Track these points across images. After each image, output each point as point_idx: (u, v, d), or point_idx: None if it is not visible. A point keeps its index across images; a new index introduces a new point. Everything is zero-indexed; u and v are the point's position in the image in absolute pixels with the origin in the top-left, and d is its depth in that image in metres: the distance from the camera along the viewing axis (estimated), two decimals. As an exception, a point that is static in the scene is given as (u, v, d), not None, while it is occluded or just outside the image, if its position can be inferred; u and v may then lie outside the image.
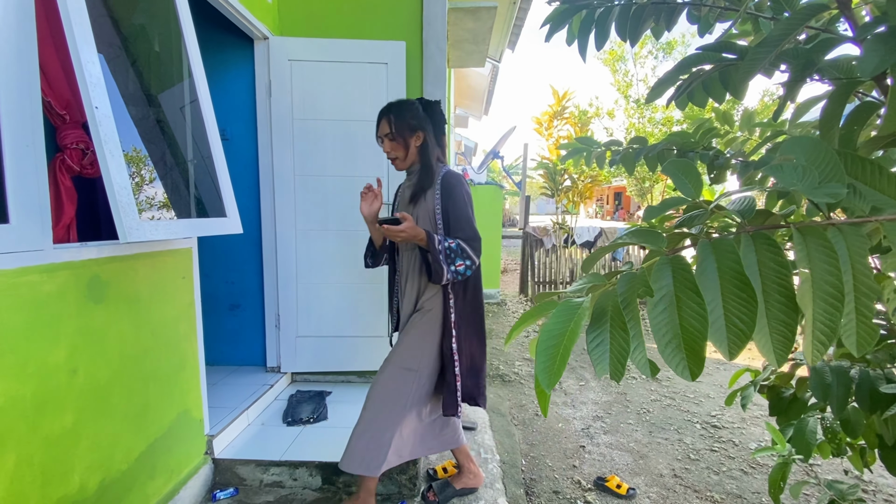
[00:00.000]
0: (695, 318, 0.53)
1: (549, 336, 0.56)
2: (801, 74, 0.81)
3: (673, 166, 0.70)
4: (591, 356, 0.58)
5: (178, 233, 1.56)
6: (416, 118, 1.66)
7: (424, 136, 1.68)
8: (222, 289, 2.87)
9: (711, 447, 2.64)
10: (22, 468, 1.17)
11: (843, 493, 1.20)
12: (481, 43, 3.70)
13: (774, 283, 0.53)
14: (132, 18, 1.60)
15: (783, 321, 0.53)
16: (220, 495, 1.87)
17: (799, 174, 0.54)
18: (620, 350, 0.57)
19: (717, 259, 0.54)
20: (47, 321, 1.24)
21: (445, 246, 1.55)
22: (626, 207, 25.64)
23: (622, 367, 0.56)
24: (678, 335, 0.53)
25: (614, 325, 0.58)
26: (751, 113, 1.34)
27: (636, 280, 0.58)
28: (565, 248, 6.47)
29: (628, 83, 12.40)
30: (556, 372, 0.55)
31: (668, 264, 0.56)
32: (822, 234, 0.53)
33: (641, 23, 1.04)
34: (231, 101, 2.71)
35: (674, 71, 0.96)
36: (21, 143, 1.17)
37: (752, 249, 0.55)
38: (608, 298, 0.59)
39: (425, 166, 1.68)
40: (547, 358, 0.56)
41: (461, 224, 1.61)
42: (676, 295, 0.54)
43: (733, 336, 0.52)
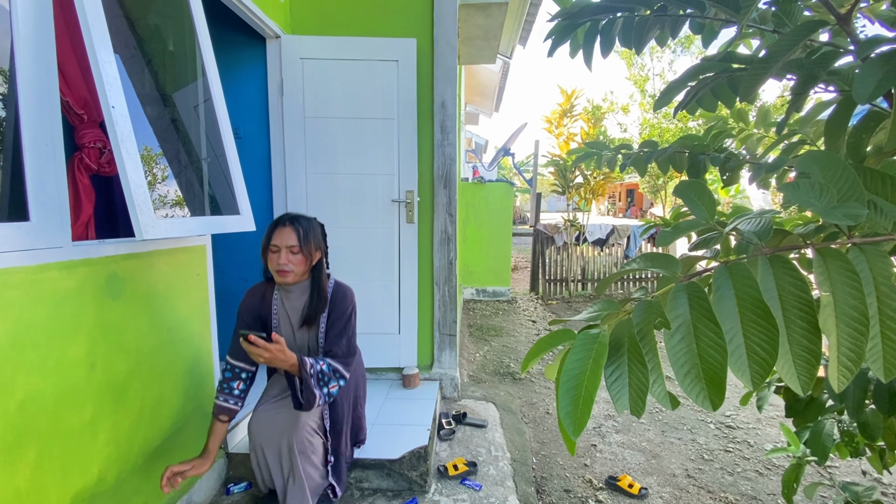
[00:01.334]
0: (713, 347, 0.51)
1: (569, 376, 0.55)
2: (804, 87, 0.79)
3: (685, 188, 0.68)
4: (609, 391, 0.57)
5: (193, 230, 1.58)
6: (317, 237, 1.66)
7: (321, 256, 1.68)
8: (236, 286, 2.90)
9: (726, 448, 2.60)
10: (43, 460, 1.20)
11: (858, 495, 1.18)
12: (492, 39, 3.67)
13: (795, 307, 0.51)
14: (147, 18, 1.62)
15: (806, 347, 0.51)
16: (233, 489, 1.90)
17: (816, 193, 0.52)
18: (640, 385, 0.55)
19: (734, 285, 0.53)
20: (67, 317, 1.27)
21: (318, 370, 1.52)
22: (638, 204, 25.35)
23: (642, 402, 0.55)
24: (697, 366, 0.52)
25: (632, 359, 0.56)
26: (767, 110, 1.31)
27: (651, 309, 0.56)
28: (577, 245, 6.42)
29: (644, 77, 12.23)
30: (581, 417, 0.53)
31: (683, 291, 0.55)
32: (842, 257, 0.51)
33: (646, 32, 1.03)
34: (244, 99, 2.74)
35: (681, 79, 0.95)
36: (41, 143, 1.19)
37: (770, 273, 0.53)
38: (624, 329, 0.58)
39: (317, 289, 1.64)
40: (570, 401, 0.53)
41: (339, 341, 1.63)
42: (693, 324, 0.53)
43: (755, 365, 0.50)
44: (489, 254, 6.03)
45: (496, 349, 4.18)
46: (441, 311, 2.81)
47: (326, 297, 1.66)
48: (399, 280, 2.76)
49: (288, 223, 1.59)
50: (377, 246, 2.73)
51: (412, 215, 2.69)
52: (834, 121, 0.78)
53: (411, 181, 2.68)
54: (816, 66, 0.77)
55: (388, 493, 1.92)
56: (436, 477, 2.04)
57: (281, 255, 1.58)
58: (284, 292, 1.69)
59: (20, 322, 1.14)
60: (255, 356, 1.43)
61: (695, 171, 1.25)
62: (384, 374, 2.84)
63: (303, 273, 1.63)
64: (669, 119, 11.45)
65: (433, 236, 2.77)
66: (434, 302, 2.81)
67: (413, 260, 2.74)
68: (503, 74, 6.46)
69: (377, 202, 2.70)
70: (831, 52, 0.79)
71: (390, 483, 1.94)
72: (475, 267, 6.06)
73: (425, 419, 2.28)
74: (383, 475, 1.94)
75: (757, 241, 0.56)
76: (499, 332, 4.69)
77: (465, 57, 4.04)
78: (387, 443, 2.01)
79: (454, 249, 2.78)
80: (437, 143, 2.70)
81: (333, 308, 1.66)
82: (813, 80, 0.78)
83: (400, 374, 2.79)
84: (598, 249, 6.52)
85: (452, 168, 2.72)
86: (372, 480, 1.94)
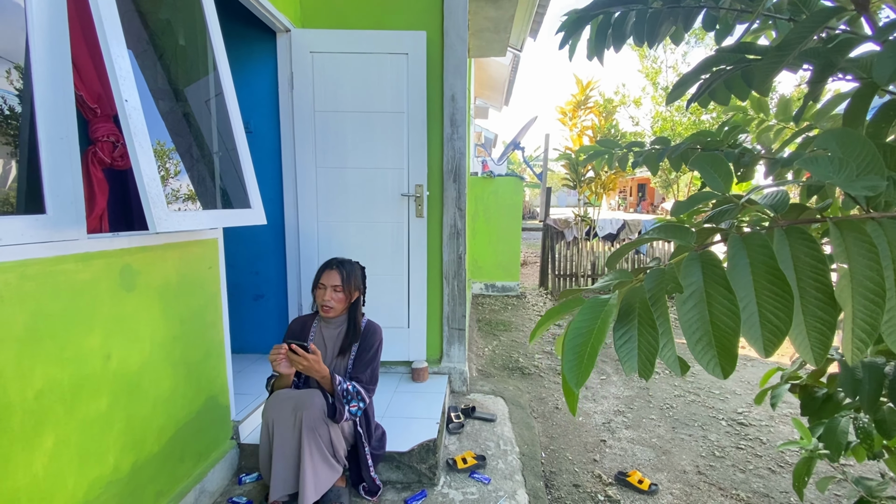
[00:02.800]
0: (726, 314, 0.51)
1: (576, 334, 0.56)
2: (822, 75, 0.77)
3: (701, 159, 0.67)
4: (618, 353, 0.57)
5: (205, 223, 1.59)
6: (357, 279, 1.89)
7: (359, 296, 1.90)
8: (247, 279, 2.94)
9: (737, 445, 2.58)
10: (60, 449, 1.23)
11: (871, 489, 1.17)
12: (502, 31, 3.64)
13: (811, 278, 0.51)
14: (159, 13, 1.63)
15: (821, 318, 0.51)
16: (245, 479, 1.93)
17: (836, 166, 0.52)
18: (649, 348, 0.56)
19: (749, 254, 0.53)
20: (83, 308, 1.29)
21: (343, 388, 1.71)
22: (650, 199, 25.06)
23: (651, 365, 0.55)
24: (709, 332, 0.52)
25: (643, 323, 0.57)
26: (787, 101, 1.28)
27: (665, 276, 0.57)
28: (587, 240, 6.37)
29: (657, 70, 12.02)
30: (584, 370, 0.54)
31: (697, 260, 0.55)
32: (860, 228, 0.51)
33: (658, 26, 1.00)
34: (254, 93, 2.75)
35: (694, 71, 0.93)
36: (56, 136, 1.21)
37: (785, 244, 0.53)
38: (636, 295, 0.58)
39: (353, 323, 1.87)
40: (574, 356, 0.55)
41: (365, 370, 1.82)
42: (707, 291, 0.53)
43: (768, 333, 0.50)
44: (498, 248, 6.02)
45: (505, 344, 4.17)
46: (450, 306, 2.81)
47: (360, 331, 1.88)
48: (408, 274, 2.76)
49: (335, 267, 1.84)
50: (387, 240, 2.73)
51: (422, 209, 2.69)
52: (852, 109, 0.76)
53: (421, 175, 2.67)
54: (834, 53, 0.75)
55: (397, 485, 1.94)
56: (445, 470, 2.05)
57: (326, 292, 1.81)
58: (324, 323, 1.91)
59: (38, 313, 1.17)
60: (296, 363, 1.64)
61: None
62: (393, 368, 2.86)
63: (342, 310, 1.86)
64: (682, 112, 11.26)
65: (442, 231, 2.76)
66: (443, 296, 2.81)
67: (422, 254, 2.74)
68: (513, 67, 6.40)
69: (387, 196, 2.70)
70: (849, 39, 0.76)
71: (400, 475, 1.95)
72: (484, 262, 6.04)
73: (434, 413, 2.29)
74: (393, 467, 1.96)
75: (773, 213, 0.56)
76: (507, 327, 4.68)
77: (475, 50, 4.01)
78: (396, 436, 2.02)
79: (463, 244, 2.77)
80: (446, 137, 2.69)
81: (364, 341, 1.87)
82: (830, 68, 0.76)
83: (409, 368, 2.80)
84: (609, 245, 6.46)
85: (462, 162, 2.71)
86: (381, 472, 1.95)
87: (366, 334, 1.88)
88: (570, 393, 0.58)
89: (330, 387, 1.70)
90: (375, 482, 1.83)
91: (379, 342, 1.89)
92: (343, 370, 1.85)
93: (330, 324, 1.89)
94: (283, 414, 1.67)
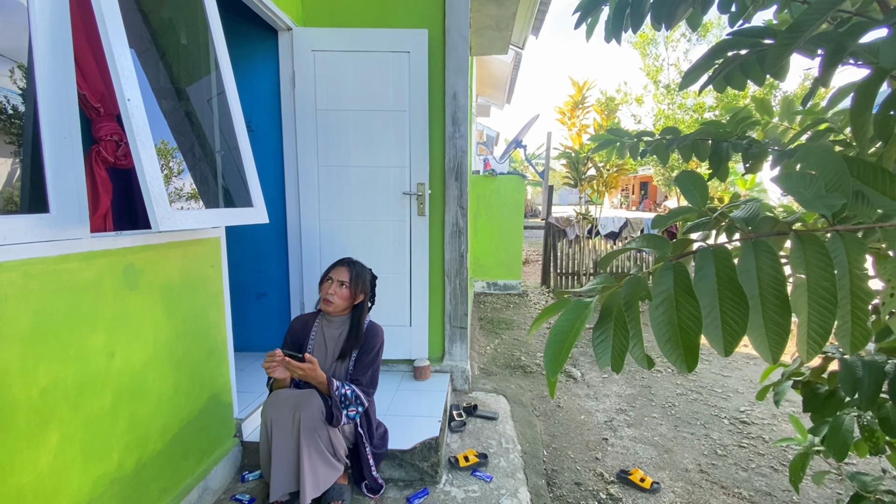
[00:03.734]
0: (691, 319, 0.59)
1: (557, 332, 0.64)
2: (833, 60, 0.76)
3: (683, 178, 0.76)
4: (595, 350, 0.66)
5: (208, 222, 1.60)
6: (365, 282, 1.89)
7: (364, 299, 1.90)
8: (249, 277, 2.94)
9: (740, 443, 2.57)
10: (64, 446, 1.24)
11: (866, 484, 1.17)
12: (504, 29, 3.63)
13: (771, 287, 0.57)
14: (161, 12, 1.63)
15: (777, 322, 0.57)
16: (248, 476, 1.94)
17: (805, 182, 0.57)
18: (621, 346, 0.64)
19: (716, 265, 0.59)
20: (86, 306, 1.30)
21: (342, 393, 1.71)
22: (652, 197, 24.98)
23: (621, 360, 0.64)
24: (676, 334, 0.59)
25: (617, 324, 0.65)
26: (790, 100, 1.27)
27: (639, 284, 0.65)
28: (589, 238, 6.36)
29: (658, 68, 11.97)
30: (559, 362, 0.64)
31: (670, 270, 0.62)
32: (818, 241, 0.57)
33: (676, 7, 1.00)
34: (256, 92, 2.75)
35: (708, 55, 0.92)
36: (59, 136, 1.21)
37: (751, 256, 0.59)
38: (614, 300, 0.66)
39: (356, 327, 1.85)
40: (553, 349, 0.63)
41: (365, 372, 1.81)
42: (676, 298, 0.60)
43: (728, 336, 0.57)
44: (500, 247, 6.01)
45: (507, 342, 4.17)
46: (452, 304, 2.82)
47: (361, 336, 1.86)
48: (410, 272, 2.76)
49: (346, 264, 1.87)
50: (388, 238, 2.74)
51: (423, 208, 2.69)
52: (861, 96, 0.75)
53: (423, 174, 2.67)
54: (845, 37, 0.74)
55: (399, 482, 1.94)
56: (447, 468, 2.05)
57: (332, 286, 1.82)
58: (326, 321, 1.89)
59: (42, 311, 1.17)
60: (292, 371, 1.64)
61: (717, 158, 1.22)
62: (395, 366, 2.86)
63: (344, 308, 1.86)
64: (685, 110, 11.22)
65: (444, 229, 2.76)
66: (445, 294, 2.81)
67: (424, 252, 2.74)
68: (515, 65, 6.39)
69: (388, 195, 2.70)
70: (861, 23, 0.75)
71: (402, 473, 1.96)
72: (486, 260, 6.04)
73: (436, 411, 2.29)
74: (395, 465, 1.96)
75: (744, 226, 0.62)
76: (510, 326, 4.68)
77: (477, 48, 4.00)
78: (399, 434, 2.03)
79: (465, 242, 2.77)
80: (448, 136, 2.69)
81: (365, 342, 1.86)
82: (841, 52, 0.75)
83: (411, 366, 2.80)
84: (611, 243, 6.45)
85: (464, 160, 2.71)
86: (384, 470, 1.96)
87: (367, 336, 1.87)
88: (551, 379, 0.68)
89: (328, 392, 1.69)
90: (377, 481, 1.83)
91: (380, 344, 1.88)
92: (343, 373, 1.84)
93: (332, 323, 1.88)
94: (281, 414, 1.67)
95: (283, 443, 1.66)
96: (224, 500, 1.82)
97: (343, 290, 1.82)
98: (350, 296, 1.84)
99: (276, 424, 1.67)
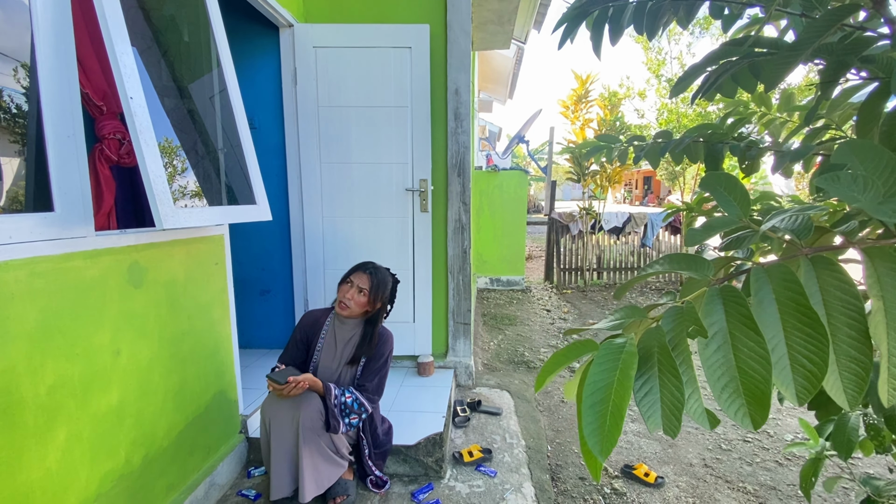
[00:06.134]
0: (754, 358, 0.46)
1: (594, 389, 0.49)
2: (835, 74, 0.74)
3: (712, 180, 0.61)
4: (639, 408, 0.51)
5: (211, 220, 1.60)
6: (386, 292, 1.85)
7: (382, 307, 1.87)
8: (253, 275, 2.95)
9: (744, 438, 2.57)
10: (72, 443, 1.25)
11: (880, 489, 1.15)
12: (506, 24, 3.61)
13: (842, 314, 0.46)
14: (162, 10, 1.63)
15: (854, 358, 0.46)
16: (254, 472, 1.95)
17: (859, 186, 0.46)
18: (674, 400, 0.49)
19: (774, 289, 0.48)
20: (92, 304, 1.31)
21: (342, 401, 1.69)
22: (655, 192, 24.88)
23: (677, 420, 0.49)
24: (735, 378, 0.47)
25: (663, 371, 0.51)
26: (790, 94, 1.26)
27: (684, 315, 0.51)
28: (592, 234, 6.34)
29: (661, 62, 11.87)
30: (610, 434, 0.47)
31: (718, 296, 0.50)
32: (892, 257, 0.46)
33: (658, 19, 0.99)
34: (258, 89, 2.75)
35: (700, 64, 0.92)
36: (62, 134, 1.22)
37: (812, 276, 0.48)
38: (653, 338, 0.52)
39: (370, 336, 1.83)
40: (595, 416, 0.47)
41: (373, 378, 1.80)
42: (731, 332, 0.48)
43: (801, 378, 0.45)
44: (503, 243, 6.00)
45: (510, 338, 4.17)
46: (455, 300, 2.82)
47: (374, 343, 1.84)
48: (413, 269, 2.76)
49: (368, 271, 1.82)
50: (391, 235, 2.74)
51: (426, 204, 2.68)
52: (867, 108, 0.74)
53: (425, 170, 2.67)
54: (848, 52, 0.72)
55: (404, 478, 1.95)
56: (451, 463, 2.06)
57: (351, 290, 1.79)
58: (339, 321, 1.87)
59: (48, 309, 1.18)
60: (279, 393, 1.63)
61: (712, 160, 1.21)
62: (399, 362, 2.87)
63: (359, 313, 1.83)
64: (688, 104, 11.14)
65: (447, 225, 2.76)
66: (448, 291, 2.82)
67: (427, 249, 2.74)
68: (517, 60, 6.36)
69: (391, 191, 2.70)
70: (865, 37, 0.74)
71: (406, 468, 1.97)
72: (489, 256, 6.04)
73: (440, 406, 2.30)
74: (399, 461, 1.97)
75: (797, 240, 0.50)
76: (513, 321, 4.69)
77: (479, 43, 3.98)
78: (403, 429, 2.03)
79: (468, 238, 2.77)
80: (450, 131, 2.68)
81: (374, 349, 1.84)
82: (845, 68, 0.73)
83: (415, 362, 2.81)
84: (615, 238, 6.43)
85: (466, 156, 2.70)
86: (389, 466, 1.97)
87: (378, 342, 1.85)
88: (593, 460, 0.49)
89: (325, 400, 1.69)
90: (382, 477, 1.84)
91: (389, 351, 1.86)
92: (351, 377, 1.83)
93: (344, 324, 1.86)
94: (280, 414, 1.67)
95: (282, 443, 1.67)
96: (230, 495, 1.84)
97: (361, 297, 1.79)
98: (367, 303, 1.81)
99: (275, 425, 1.67)
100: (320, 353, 1.85)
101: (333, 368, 1.83)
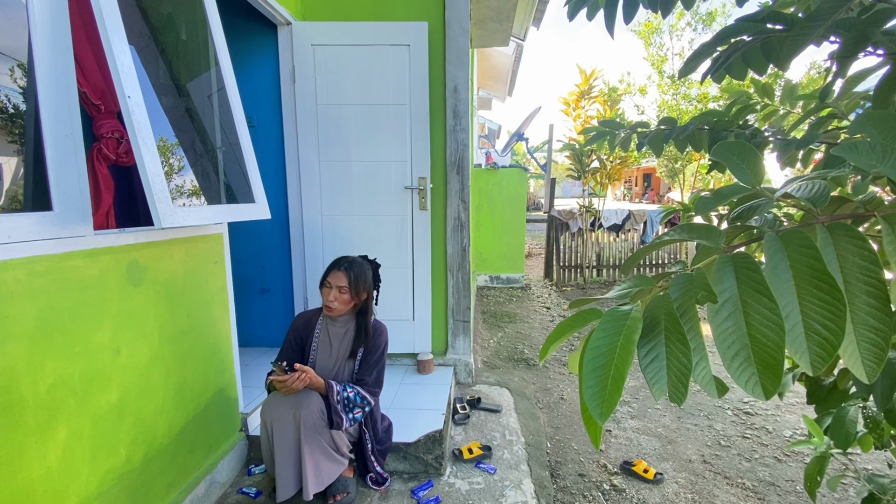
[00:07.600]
0: (767, 325, 0.45)
1: (596, 353, 0.48)
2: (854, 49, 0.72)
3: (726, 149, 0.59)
4: (644, 374, 0.50)
5: (210, 218, 1.60)
6: (367, 281, 1.84)
7: (368, 297, 1.86)
8: (253, 273, 2.95)
9: (743, 434, 2.58)
10: (73, 441, 1.25)
11: (884, 487, 1.15)
12: (505, 21, 3.60)
13: (861, 281, 0.45)
14: (160, 8, 1.62)
15: (874, 327, 0.44)
16: (255, 470, 1.96)
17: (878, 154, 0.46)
18: (680, 366, 0.48)
19: (789, 255, 0.46)
20: (91, 303, 1.31)
21: (344, 396, 1.70)
22: (655, 189, 24.85)
23: (684, 387, 0.48)
24: (747, 346, 0.46)
25: (670, 337, 0.50)
26: (793, 85, 1.26)
27: (694, 282, 0.50)
28: (592, 231, 6.34)
29: (662, 57, 11.83)
30: (610, 398, 0.47)
31: (729, 263, 0.49)
32: None
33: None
34: (256, 87, 2.74)
35: (710, 43, 0.90)
36: (60, 134, 1.22)
37: (829, 242, 0.47)
38: (660, 305, 0.51)
39: (363, 327, 1.83)
40: (596, 380, 0.47)
41: (371, 371, 1.81)
42: (742, 299, 0.47)
43: (816, 346, 0.44)
44: (503, 240, 6.01)
45: (510, 335, 4.18)
46: (455, 298, 2.82)
47: (370, 334, 1.84)
48: (413, 267, 2.77)
49: (343, 268, 1.79)
50: (391, 233, 2.74)
51: (425, 202, 2.68)
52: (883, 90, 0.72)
53: (424, 168, 2.67)
54: (869, 25, 0.69)
55: (404, 475, 1.96)
56: (451, 460, 2.06)
57: (332, 292, 1.78)
58: (330, 320, 1.88)
59: (47, 308, 1.18)
60: (280, 388, 1.63)
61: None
62: (399, 360, 2.87)
63: (347, 311, 1.83)
64: (689, 100, 11.11)
65: (446, 223, 2.76)
66: (448, 288, 2.82)
67: (426, 247, 2.74)
68: (516, 57, 6.34)
69: (390, 189, 2.70)
70: (885, 9, 0.72)
71: (406, 466, 1.97)
72: (489, 254, 6.04)
73: (440, 404, 2.30)
74: (399, 458, 1.98)
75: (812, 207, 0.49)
76: (513, 319, 4.69)
77: (478, 40, 3.97)
78: (403, 427, 2.04)
79: (467, 236, 2.77)
80: (449, 129, 2.68)
81: (371, 339, 1.85)
82: (864, 41, 0.70)
83: (415, 360, 2.81)
84: (614, 235, 6.43)
85: (465, 154, 2.70)
86: (389, 463, 1.97)
87: (373, 334, 1.86)
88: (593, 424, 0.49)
89: (328, 397, 1.69)
90: (382, 474, 1.85)
91: (385, 343, 1.87)
92: (349, 372, 1.84)
93: (336, 322, 1.87)
94: (280, 414, 1.67)
95: (285, 443, 1.67)
96: (231, 493, 1.84)
97: (343, 295, 1.78)
98: (351, 299, 1.80)
99: (276, 425, 1.67)
100: (316, 352, 1.85)
101: (331, 366, 1.84)
